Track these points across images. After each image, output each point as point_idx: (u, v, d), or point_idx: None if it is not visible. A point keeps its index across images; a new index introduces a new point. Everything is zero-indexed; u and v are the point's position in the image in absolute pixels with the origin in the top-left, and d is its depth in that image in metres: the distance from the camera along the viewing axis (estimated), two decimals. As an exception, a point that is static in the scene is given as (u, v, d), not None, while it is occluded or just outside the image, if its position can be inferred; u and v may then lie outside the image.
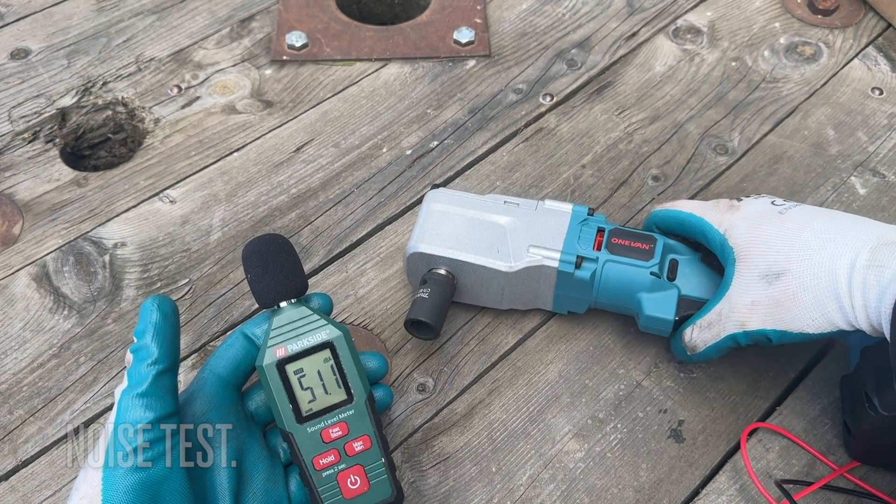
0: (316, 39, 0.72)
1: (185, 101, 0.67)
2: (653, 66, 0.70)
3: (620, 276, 0.50)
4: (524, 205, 0.53)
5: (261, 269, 0.42)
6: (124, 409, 0.37)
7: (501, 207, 0.52)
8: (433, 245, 0.51)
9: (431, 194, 0.54)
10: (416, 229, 0.52)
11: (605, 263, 0.50)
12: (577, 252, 0.50)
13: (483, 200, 0.53)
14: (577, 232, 0.51)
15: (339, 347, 0.42)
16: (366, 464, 0.41)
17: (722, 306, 0.46)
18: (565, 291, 0.51)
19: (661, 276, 0.49)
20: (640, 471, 0.48)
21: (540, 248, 0.50)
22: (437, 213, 0.52)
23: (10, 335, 0.53)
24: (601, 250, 0.50)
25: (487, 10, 0.75)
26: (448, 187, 0.54)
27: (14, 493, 0.47)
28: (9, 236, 0.58)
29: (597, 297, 0.51)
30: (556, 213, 0.52)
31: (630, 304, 0.50)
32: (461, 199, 0.53)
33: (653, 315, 0.49)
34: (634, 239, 0.50)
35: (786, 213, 0.47)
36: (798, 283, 0.43)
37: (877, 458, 0.48)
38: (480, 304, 0.54)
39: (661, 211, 0.52)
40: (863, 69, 0.70)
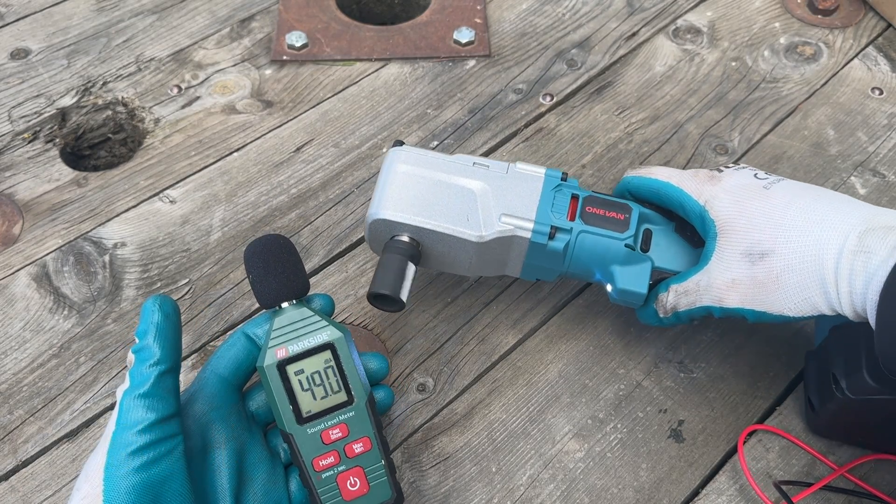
0: (316, 39, 0.72)
1: (185, 101, 0.67)
2: (653, 66, 0.70)
3: (594, 247, 0.47)
4: (495, 167, 0.49)
5: (262, 270, 0.42)
6: (126, 409, 0.37)
7: (470, 170, 0.49)
8: (398, 211, 0.47)
9: (394, 153, 0.49)
10: (377, 192, 0.48)
11: (580, 234, 0.47)
12: (551, 222, 0.47)
13: (451, 161, 0.49)
14: (550, 199, 0.48)
15: (339, 349, 0.42)
16: (365, 465, 0.41)
17: (700, 278, 0.45)
18: (536, 261, 0.49)
19: (635, 248, 0.48)
20: (640, 471, 0.48)
21: (512, 216, 0.47)
22: (401, 174, 0.48)
23: (10, 335, 0.53)
24: (575, 220, 0.48)
25: (487, 10, 0.75)
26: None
27: (14, 493, 0.47)
28: (9, 236, 0.58)
29: (568, 267, 0.49)
30: (528, 177, 0.49)
31: (602, 275, 0.49)
32: (427, 160, 0.49)
33: (625, 288, 0.47)
34: (609, 208, 0.48)
35: (770, 188, 0.45)
36: (782, 266, 0.42)
37: (838, 434, 0.48)
38: (445, 271, 0.52)
39: (635, 178, 0.50)
40: (863, 69, 0.70)
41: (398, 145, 0.50)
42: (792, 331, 0.54)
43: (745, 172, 0.47)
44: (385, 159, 0.50)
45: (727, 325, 0.54)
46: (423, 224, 0.47)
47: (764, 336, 0.54)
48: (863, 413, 0.44)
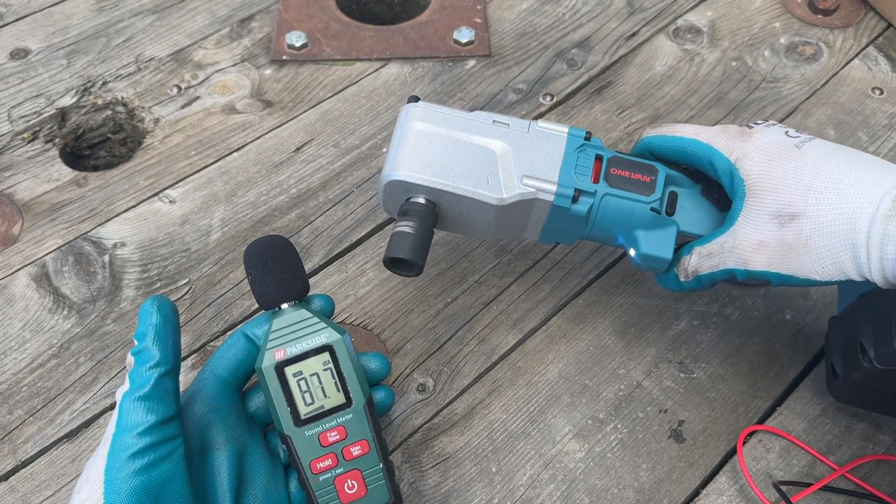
0: (316, 39, 0.72)
1: (184, 100, 0.67)
2: (653, 66, 0.70)
3: (618, 210, 0.45)
4: (515, 125, 0.47)
5: (261, 271, 0.42)
6: (126, 411, 0.37)
7: (490, 128, 0.46)
8: (415, 171, 0.45)
9: (408, 110, 0.47)
10: (392, 151, 0.46)
11: (604, 197, 0.45)
12: (575, 184, 0.45)
13: (469, 119, 0.47)
14: (573, 160, 0.46)
15: (338, 351, 0.42)
16: (363, 468, 0.41)
17: (726, 239, 0.43)
18: (557, 224, 0.47)
19: (660, 212, 0.46)
20: (640, 471, 0.48)
21: (534, 178, 0.45)
22: (416, 132, 0.46)
23: (9, 335, 0.53)
24: (599, 182, 0.45)
25: (487, 9, 0.75)
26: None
27: (14, 494, 0.47)
28: (8, 236, 0.58)
29: (590, 231, 0.47)
30: (550, 137, 0.47)
31: (625, 239, 0.47)
32: (444, 117, 0.47)
33: (650, 254, 0.46)
34: (635, 170, 0.46)
35: (802, 146, 0.43)
36: (812, 228, 0.40)
37: (859, 401, 0.47)
38: (462, 234, 0.51)
39: (657, 137, 0.47)
40: (863, 69, 0.70)
41: (413, 101, 0.47)
42: (792, 331, 0.54)
43: (776, 129, 0.45)
44: (399, 116, 0.47)
45: (727, 325, 0.54)
46: (441, 185, 0.45)
47: (764, 336, 0.54)
48: (889, 382, 0.43)
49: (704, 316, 0.55)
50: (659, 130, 0.47)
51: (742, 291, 0.56)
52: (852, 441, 0.49)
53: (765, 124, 0.45)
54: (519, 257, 0.57)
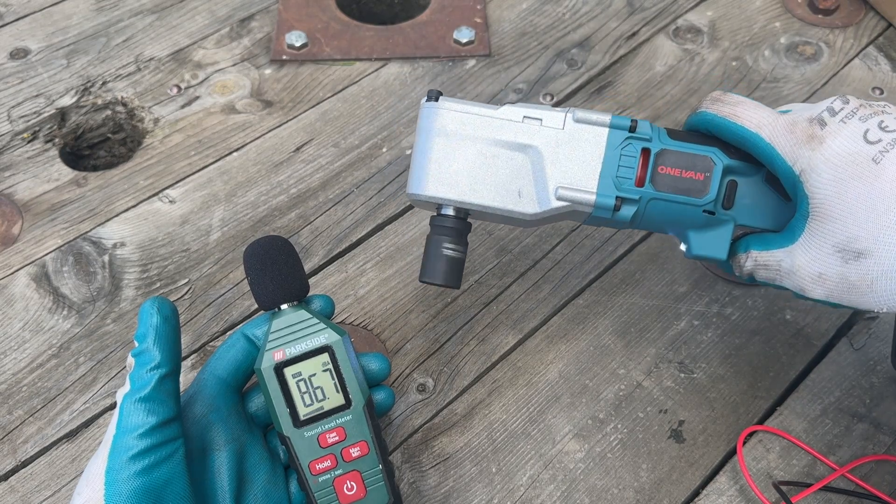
0: (316, 39, 0.72)
1: (184, 100, 0.67)
2: (653, 66, 0.70)
3: (667, 213, 0.42)
4: (549, 121, 0.42)
5: (261, 272, 0.42)
6: (126, 413, 0.37)
7: (520, 129, 0.42)
8: (441, 188, 0.42)
9: (430, 112, 0.43)
10: (415, 162, 0.43)
11: (650, 202, 0.41)
12: (616, 192, 0.41)
13: (497, 119, 0.43)
14: (615, 160, 0.41)
15: (337, 352, 0.42)
16: (363, 469, 0.41)
17: (783, 258, 0.40)
18: (600, 223, 0.44)
19: (715, 213, 0.41)
20: (640, 471, 0.48)
21: (569, 189, 0.41)
22: (441, 142, 0.43)
23: (9, 335, 0.53)
24: (645, 185, 0.41)
25: (487, 9, 0.75)
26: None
27: (13, 494, 0.47)
28: (8, 236, 0.58)
29: (636, 227, 0.44)
30: (588, 132, 0.42)
31: (676, 234, 0.44)
32: (470, 120, 0.43)
33: (702, 255, 0.42)
34: (687, 166, 0.41)
35: (881, 160, 0.37)
36: (879, 271, 0.36)
37: None
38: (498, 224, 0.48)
39: (717, 118, 0.42)
40: (863, 69, 0.70)
41: (433, 98, 0.44)
42: (792, 331, 0.54)
43: (853, 130, 0.38)
44: (421, 118, 0.44)
45: (728, 325, 0.54)
46: (471, 200, 0.42)
47: (764, 336, 0.54)
48: None
49: (704, 316, 0.55)
50: (719, 109, 0.42)
51: (742, 291, 0.56)
52: (852, 441, 0.49)
53: (841, 119, 0.39)
54: (519, 257, 0.57)
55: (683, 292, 0.56)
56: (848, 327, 0.54)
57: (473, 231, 0.59)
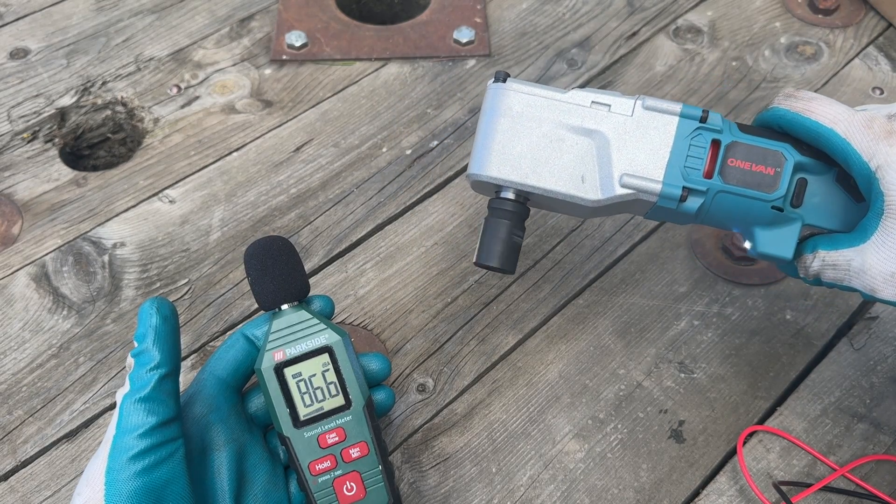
0: (315, 39, 0.72)
1: (184, 100, 0.67)
2: (653, 66, 0.70)
3: (735, 208, 0.40)
4: (618, 106, 0.41)
5: (261, 272, 0.42)
6: (126, 413, 0.37)
7: (588, 113, 0.41)
8: (503, 170, 0.42)
9: (496, 93, 0.42)
10: (478, 143, 0.42)
11: (717, 194, 0.40)
12: (683, 182, 0.40)
13: (565, 103, 0.42)
14: (684, 150, 0.40)
15: (337, 352, 0.42)
16: (362, 470, 0.41)
17: (854, 257, 0.38)
18: (662, 216, 0.43)
19: (783, 210, 0.40)
20: (640, 471, 0.48)
21: (635, 177, 0.40)
22: (505, 123, 0.42)
23: (9, 335, 0.53)
24: (713, 177, 0.40)
25: (487, 9, 0.75)
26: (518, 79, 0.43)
27: (13, 494, 0.47)
28: (8, 236, 0.58)
29: (700, 222, 0.43)
30: (658, 120, 0.41)
31: (740, 230, 0.43)
32: (536, 102, 0.42)
33: (767, 253, 0.41)
34: (758, 160, 0.40)
35: None
36: None
37: None
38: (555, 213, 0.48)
39: (789, 113, 0.40)
40: (863, 69, 0.70)
41: (501, 79, 0.43)
42: (792, 331, 0.54)
43: None
44: (486, 99, 0.43)
45: (728, 325, 0.54)
46: (532, 185, 0.42)
47: (764, 336, 0.54)
48: None
49: (704, 316, 0.55)
50: (792, 104, 0.40)
51: (742, 291, 0.56)
52: (852, 441, 0.49)
53: None
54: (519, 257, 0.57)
55: (683, 292, 0.56)
56: (848, 327, 0.54)
57: (473, 231, 0.59)
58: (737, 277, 0.56)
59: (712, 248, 0.58)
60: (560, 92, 0.42)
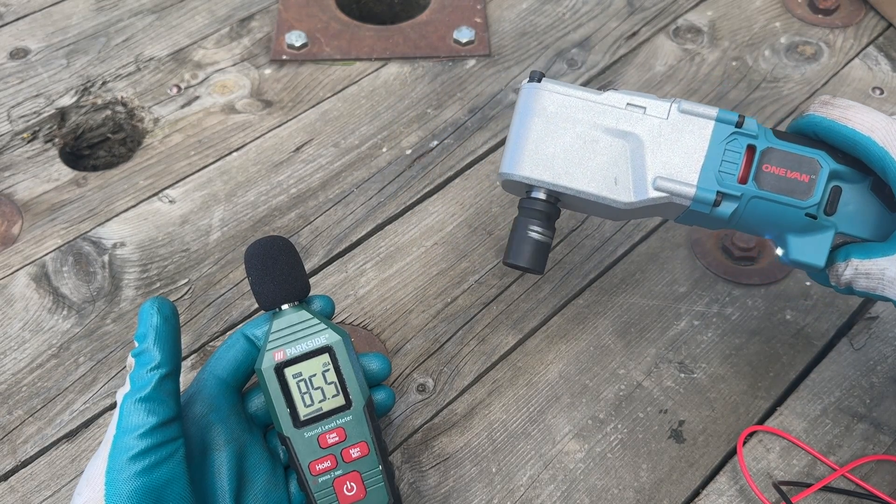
0: (315, 39, 0.72)
1: (184, 100, 0.67)
2: (653, 66, 0.70)
3: (768, 214, 0.40)
4: (653, 109, 0.41)
5: (262, 272, 0.42)
6: (127, 413, 0.37)
7: (623, 115, 0.41)
8: (535, 170, 0.42)
9: (530, 92, 0.42)
10: (511, 142, 0.42)
11: (751, 200, 0.40)
12: (717, 187, 0.40)
13: (600, 104, 0.42)
14: (719, 155, 0.40)
15: (338, 352, 0.42)
16: (363, 470, 0.41)
17: (888, 266, 0.38)
18: (695, 220, 0.43)
19: (817, 217, 0.40)
20: (640, 471, 0.48)
21: (669, 180, 0.40)
22: (539, 123, 0.42)
23: (9, 335, 0.53)
24: (748, 182, 0.40)
25: (487, 9, 0.75)
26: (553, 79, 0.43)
27: (13, 494, 0.47)
28: (8, 236, 0.58)
29: (733, 227, 0.43)
30: (693, 124, 0.41)
31: (772, 237, 0.43)
32: (571, 103, 0.42)
33: (799, 260, 0.41)
34: (793, 166, 0.40)
35: None
36: None
37: None
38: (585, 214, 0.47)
39: (825, 121, 0.40)
40: (863, 69, 0.70)
41: (536, 79, 0.43)
42: (792, 331, 0.54)
43: None
44: (520, 99, 0.43)
45: (728, 325, 0.54)
46: (564, 185, 0.42)
47: (764, 336, 0.54)
48: None
49: (704, 316, 0.55)
50: (829, 112, 0.40)
51: (742, 291, 0.56)
52: (852, 441, 0.49)
53: None
54: (519, 257, 0.57)
55: (683, 292, 0.56)
56: (848, 327, 0.54)
57: (473, 231, 0.59)
58: (737, 277, 0.56)
59: (712, 248, 0.58)
60: (595, 93, 0.42)
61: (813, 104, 0.42)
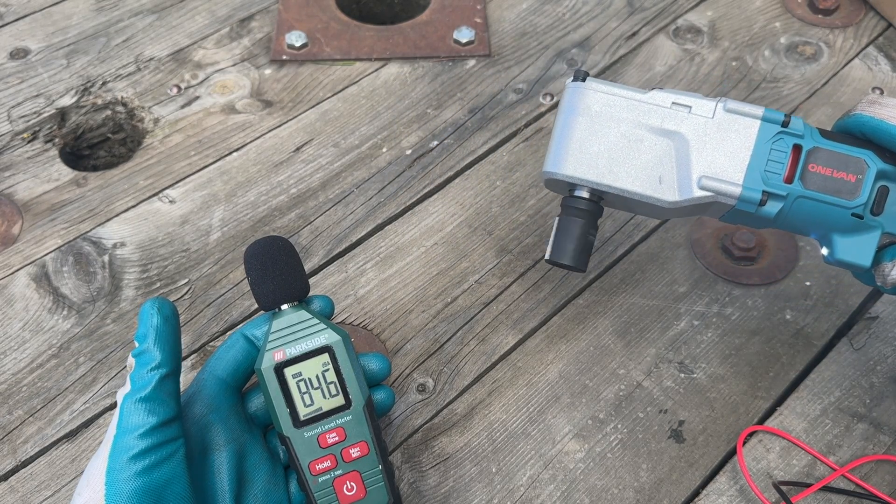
0: (316, 39, 0.72)
1: (184, 100, 0.67)
2: (653, 66, 0.70)
3: (814, 214, 0.40)
4: (699, 108, 0.42)
5: (261, 272, 0.42)
6: (127, 413, 0.37)
7: (668, 114, 0.42)
8: (579, 169, 0.42)
9: (575, 91, 0.43)
10: (555, 141, 0.42)
11: (797, 200, 0.40)
12: (763, 187, 0.40)
13: (644, 103, 0.42)
14: (764, 154, 0.40)
15: (337, 352, 0.42)
16: (363, 470, 0.41)
17: None
18: (739, 219, 0.43)
19: (864, 217, 0.40)
20: (640, 471, 0.48)
21: (714, 179, 0.40)
22: (584, 122, 0.42)
23: (9, 335, 0.53)
24: (793, 182, 0.40)
25: (487, 9, 0.75)
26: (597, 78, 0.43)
27: (13, 494, 0.47)
28: (8, 236, 0.58)
29: (777, 226, 0.43)
30: (739, 124, 0.41)
31: (817, 237, 0.42)
32: (615, 102, 0.42)
33: (845, 260, 0.41)
34: (839, 166, 0.40)
35: None
36: None
37: None
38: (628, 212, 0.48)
39: (873, 120, 0.40)
40: (863, 69, 0.70)
41: (580, 78, 0.43)
42: (792, 331, 0.54)
43: None
44: (565, 97, 0.43)
45: (728, 325, 0.54)
46: (609, 184, 0.42)
47: (764, 336, 0.54)
48: None
49: (704, 316, 0.55)
50: (877, 111, 0.40)
51: (742, 291, 0.56)
52: (852, 441, 0.49)
53: None
54: (519, 257, 0.57)
55: (683, 292, 0.56)
56: (848, 327, 0.54)
57: (473, 231, 0.59)
58: (737, 277, 0.56)
59: (712, 248, 0.58)
60: (640, 92, 0.42)
61: (860, 103, 0.41)
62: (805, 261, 0.57)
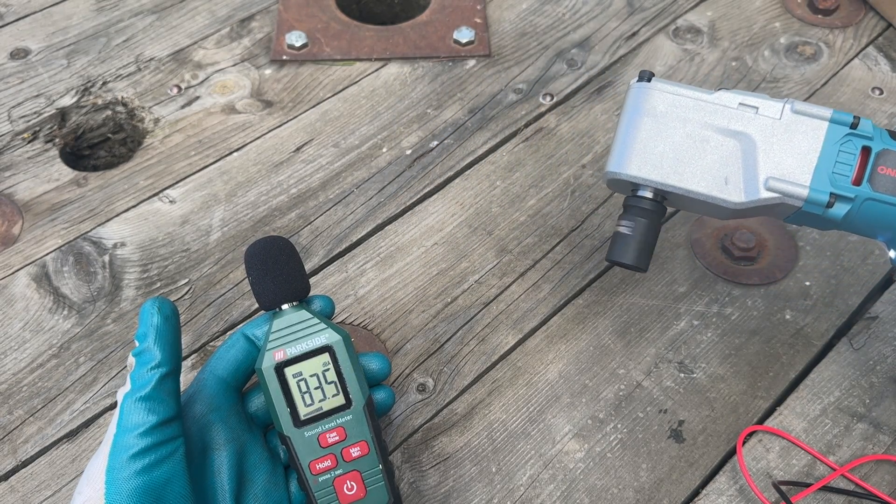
0: (316, 39, 0.72)
1: (184, 100, 0.67)
2: (653, 66, 0.70)
3: (882, 216, 0.40)
4: (766, 109, 0.41)
5: (262, 272, 0.42)
6: (127, 412, 0.37)
7: (734, 115, 0.41)
8: (644, 168, 0.42)
9: (640, 91, 0.43)
10: (619, 140, 0.42)
11: (865, 202, 0.40)
12: (831, 189, 0.40)
13: (711, 103, 0.42)
14: (832, 156, 0.40)
15: (338, 352, 0.42)
16: (363, 469, 0.41)
17: None
18: (805, 221, 0.43)
19: None
20: (640, 471, 0.48)
21: (781, 181, 0.40)
22: (649, 122, 0.42)
23: (9, 335, 0.53)
24: (862, 184, 0.39)
25: (487, 9, 0.75)
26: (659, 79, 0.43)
27: (14, 494, 0.47)
28: (8, 236, 0.58)
29: (844, 229, 0.42)
30: (807, 125, 0.41)
31: (886, 240, 0.42)
32: (681, 102, 0.42)
33: None
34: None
35: None
36: None
37: None
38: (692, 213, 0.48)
39: None
40: (863, 69, 0.70)
41: (645, 79, 0.43)
42: (792, 331, 0.54)
43: None
44: (630, 96, 0.43)
45: (727, 325, 0.54)
46: (673, 185, 0.42)
47: (764, 336, 0.54)
48: None
49: (704, 316, 0.55)
50: None
51: (742, 291, 0.56)
52: (852, 441, 0.49)
53: None
54: (519, 257, 0.57)
55: (683, 292, 0.56)
56: (848, 327, 0.54)
57: (473, 231, 0.59)
58: (736, 277, 0.56)
59: (712, 248, 0.58)
60: (706, 93, 0.42)
61: None
62: (805, 261, 0.57)
